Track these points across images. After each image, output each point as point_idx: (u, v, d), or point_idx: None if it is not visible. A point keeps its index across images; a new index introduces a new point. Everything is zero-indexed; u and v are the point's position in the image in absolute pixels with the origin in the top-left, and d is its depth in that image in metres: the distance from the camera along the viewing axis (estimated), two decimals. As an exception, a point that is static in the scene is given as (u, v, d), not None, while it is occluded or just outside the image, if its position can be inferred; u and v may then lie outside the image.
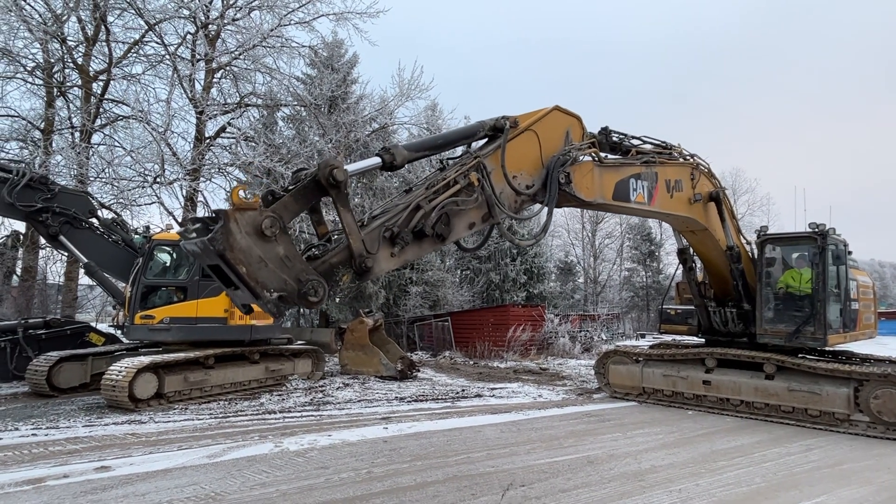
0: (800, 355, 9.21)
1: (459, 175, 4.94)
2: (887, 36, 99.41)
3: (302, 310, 22.10)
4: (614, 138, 7.67)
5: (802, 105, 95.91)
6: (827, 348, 9.28)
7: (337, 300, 22.46)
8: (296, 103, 19.21)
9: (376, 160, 4.54)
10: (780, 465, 6.47)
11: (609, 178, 6.89)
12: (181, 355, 9.70)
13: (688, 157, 8.60)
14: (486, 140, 5.45)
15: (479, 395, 11.08)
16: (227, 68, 18.03)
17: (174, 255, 10.78)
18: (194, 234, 3.69)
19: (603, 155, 6.84)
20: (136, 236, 11.81)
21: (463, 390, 11.68)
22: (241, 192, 3.53)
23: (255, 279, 3.60)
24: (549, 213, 5.77)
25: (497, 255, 27.17)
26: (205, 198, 17.96)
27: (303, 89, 19.20)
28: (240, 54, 17.71)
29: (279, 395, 10.60)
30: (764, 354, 9.09)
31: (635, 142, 7.85)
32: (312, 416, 8.87)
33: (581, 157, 6.29)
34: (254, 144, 17.60)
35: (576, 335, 20.95)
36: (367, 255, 4.18)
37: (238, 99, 18.41)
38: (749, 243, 10.04)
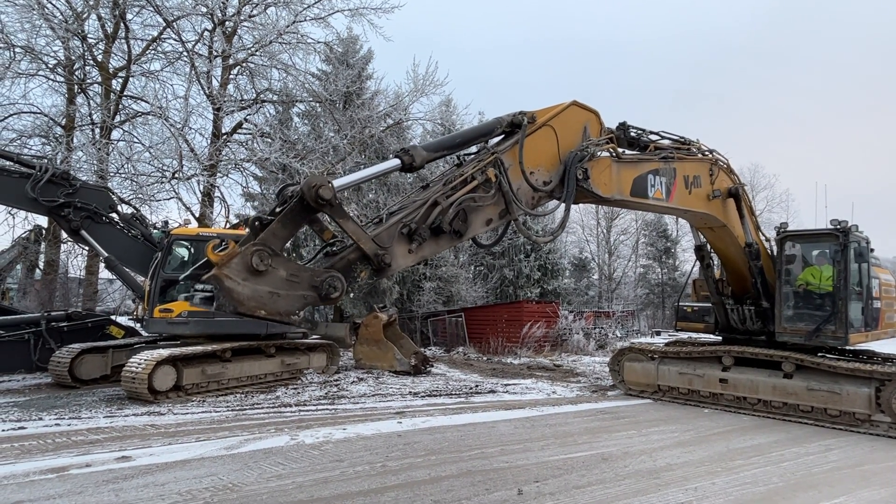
0: (819, 354, 9.06)
1: (477, 171, 4.91)
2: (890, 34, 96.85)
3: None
4: (632, 133, 7.55)
5: (815, 103, 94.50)
6: (848, 347, 9.12)
7: (352, 295, 22.62)
8: (311, 99, 19.30)
9: (395, 162, 4.52)
10: (799, 465, 6.39)
11: (627, 174, 6.83)
12: (199, 348, 9.84)
13: (707, 153, 8.48)
14: (503, 136, 5.41)
15: (492, 391, 11.09)
16: (244, 64, 18.17)
17: (192, 250, 10.93)
18: (199, 301, 3.63)
19: (621, 150, 6.77)
20: (155, 231, 11.99)
21: (476, 386, 11.69)
22: (214, 249, 3.42)
23: (277, 312, 3.63)
24: (567, 210, 5.71)
25: (511, 252, 27.11)
26: (221, 193, 18.18)
27: (318, 85, 19.28)
28: (256, 50, 17.82)
29: (295, 388, 10.70)
30: (783, 353, 8.96)
31: (653, 136, 7.75)
32: (327, 409, 8.95)
33: (599, 153, 6.23)
34: (270, 140, 17.75)
35: (590, 332, 20.83)
36: (384, 252, 4.18)
37: (254, 95, 18.55)
38: (768, 240, 9.89)
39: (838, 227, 8.88)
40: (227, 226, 17.39)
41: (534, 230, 22.85)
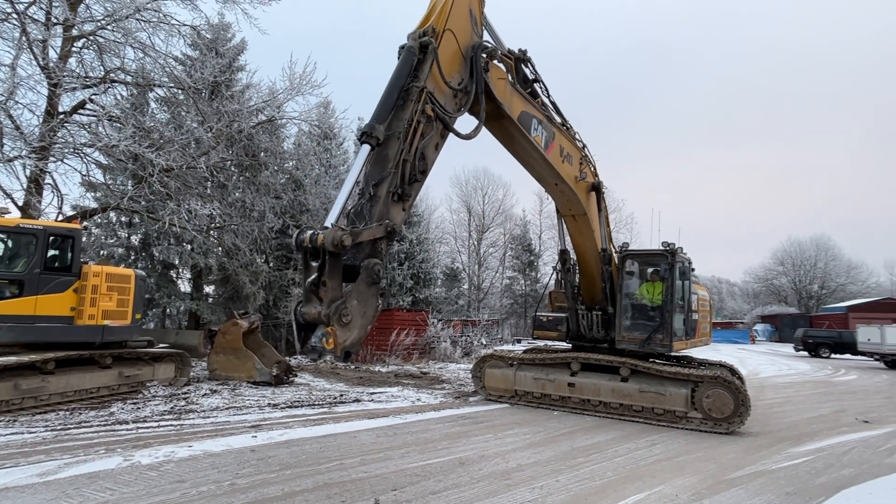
0: (651, 360, 10.25)
1: (419, 115, 5.77)
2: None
3: (168, 310, 20.33)
4: (527, 72, 8.42)
5: (657, 136, 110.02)
6: (672, 353, 10.43)
7: (210, 300, 20.97)
8: (172, 85, 17.63)
9: (366, 149, 5.34)
10: (629, 460, 7.14)
11: (518, 101, 7.81)
12: (11, 359, 8.41)
13: (581, 144, 9.56)
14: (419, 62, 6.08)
15: (357, 400, 10.92)
16: (91, 38, 16.07)
17: (9, 244, 9.36)
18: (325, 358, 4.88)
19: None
20: (-40, 219, 10.06)
21: (341, 395, 11.44)
22: (326, 341, 4.68)
23: (373, 318, 5.08)
24: (479, 95, 6.67)
25: (385, 260, 27.06)
26: (54, 180, 15.79)
27: (181, 71, 17.68)
28: (107, 24, 15.86)
29: (134, 403, 9.60)
30: (620, 359, 10.00)
31: (544, 96, 8.71)
32: (171, 425, 8.14)
33: (496, 60, 7.31)
34: (119, 125, 15.85)
35: (457, 340, 21.50)
36: (391, 223, 5.31)
37: (102, 73, 16.46)
38: (617, 252, 11.02)
39: (667, 248, 10.17)
40: (60, 218, 15.20)
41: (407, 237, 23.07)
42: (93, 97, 16.37)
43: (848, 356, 32.35)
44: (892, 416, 11.50)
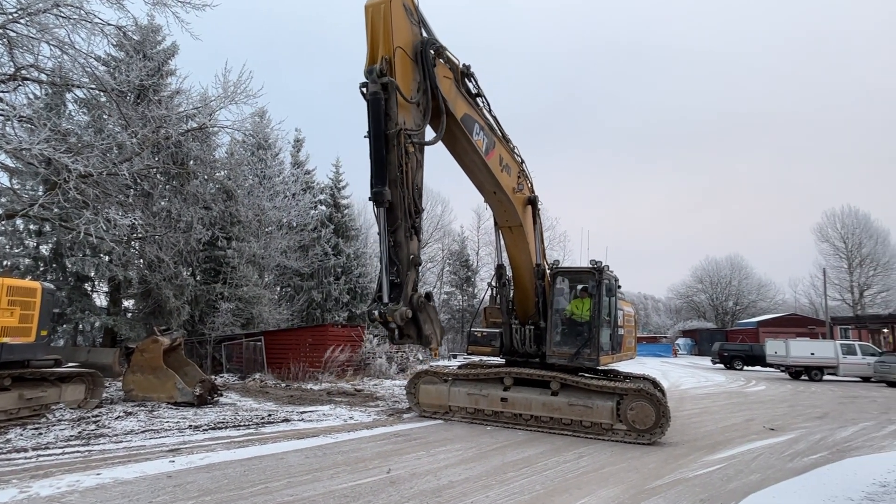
0: (580, 374, 10.58)
1: (404, 157, 6.51)
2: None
3: (81, 326, 18.89)
4: (470, 87, 8.68)
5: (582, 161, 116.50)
6: (600, 367, 10.82)
7: (129, 315, 19.70)
8: (93, 86, 16.57)
9: (383, 211, 6.54)
10: (557, 473, 7.30)
11: (461, 104, 8.15)
12: None
13: (520, 159, 9.89)
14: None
15: (286, 420, 10.54)
16: (1, 31, 14.87)
17: None
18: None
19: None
20: None
21: (270, 415, 11.01)
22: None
23: (437, 318, 7.34)
24: (435, 90, 7.18)
25: (321, 274, 26.56)
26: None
27: (104, 71, 16.68)
28: (20, 17, 14.75)
29: (36, 428, 8.80)
30: (551, 373, 10.26)
31: (485, 109, 9.00)
32: (78, 452, 7.52)
33: (443, 60, 7.73)
34: (31, 127, 14.70)
35: (393, 356, 21.29)
36: (416, 258, 6.84)
37: (13, 70, 15.25)
38: (550, 268, 11.35)
39: (595, 266, 10.60)
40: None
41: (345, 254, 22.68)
42: (0, 95, 15.12)
43: (758, 368, 34.81)
44: (795, 424, 12.47)
